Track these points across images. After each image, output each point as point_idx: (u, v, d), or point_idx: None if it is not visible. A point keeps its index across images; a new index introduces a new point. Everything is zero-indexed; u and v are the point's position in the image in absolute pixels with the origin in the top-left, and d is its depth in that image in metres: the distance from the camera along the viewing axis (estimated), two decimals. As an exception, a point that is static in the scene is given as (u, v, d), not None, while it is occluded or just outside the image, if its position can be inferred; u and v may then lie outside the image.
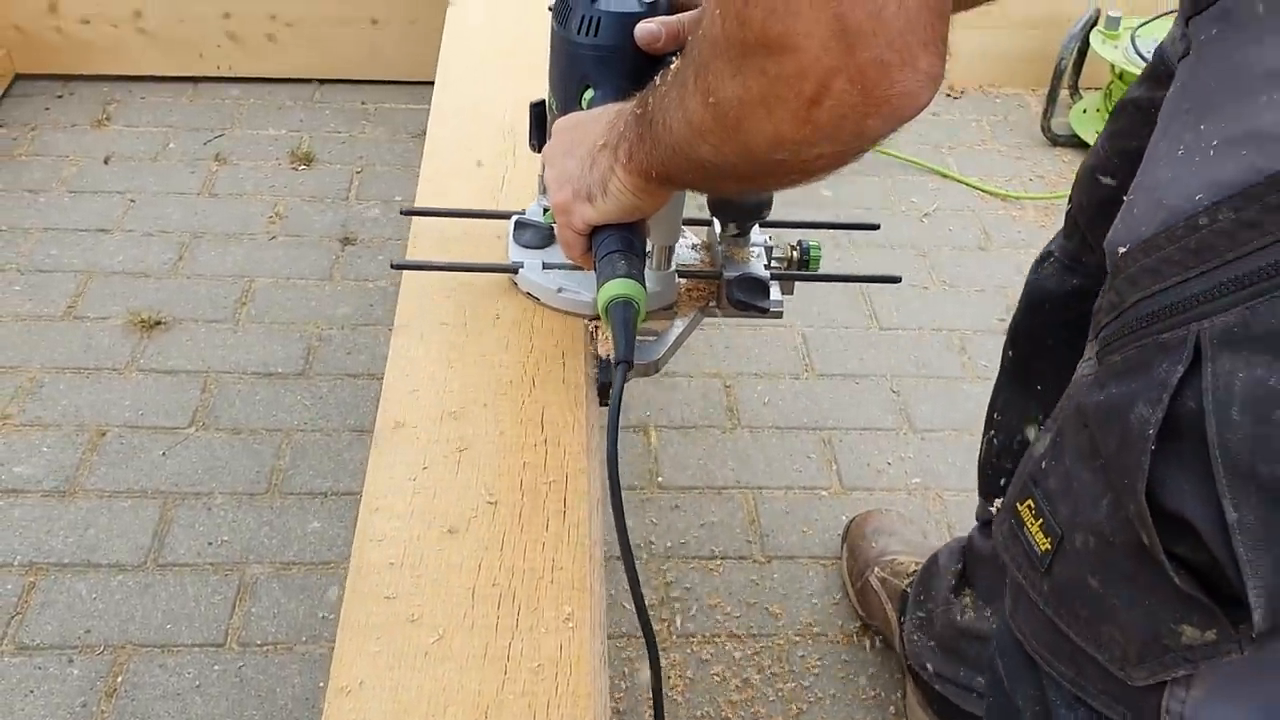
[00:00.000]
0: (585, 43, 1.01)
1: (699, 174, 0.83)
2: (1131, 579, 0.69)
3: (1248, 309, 0.61)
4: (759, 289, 1.15)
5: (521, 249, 1.19)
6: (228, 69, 2.59)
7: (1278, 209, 0.59)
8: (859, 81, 0.64)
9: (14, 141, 2.36)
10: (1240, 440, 0.61)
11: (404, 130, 2.51)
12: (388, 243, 2.18)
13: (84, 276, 2.02)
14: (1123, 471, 0.67)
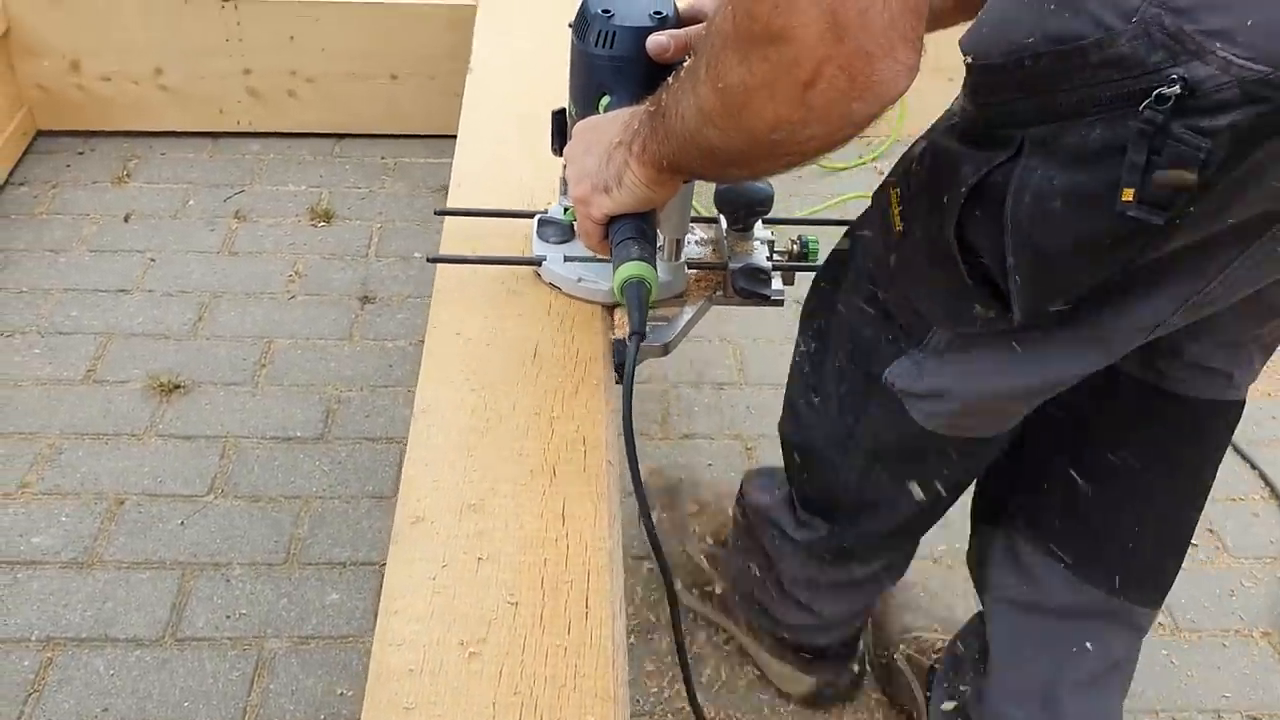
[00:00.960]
0: (602, 54, 1.13)
1: (705, 160, 0.95)
2: (944, 270, 0.97)
3: (1057, 128, 0.83)
4: (762, 278, 1.28)
5: (545, 244, 1.32)
6: (248, 124, 2.60)
7: (1080, 68, 0.80)
8: (847, 69, 0.76)
9: (35, 200, 2.37)
10: (1026, 215, 0.87)
11: (423, 185, 2.51)
12: (407, 300, 2.17)
13: (104, 338, 2.02)
14: (943, 205, 0.94)
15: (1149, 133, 0.77)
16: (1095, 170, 0.82)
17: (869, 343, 1.14)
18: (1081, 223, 0.85)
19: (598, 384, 1.18)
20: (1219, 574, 1.74)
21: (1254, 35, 0.73)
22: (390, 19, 2.49)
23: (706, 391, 2.00)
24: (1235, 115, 0.75)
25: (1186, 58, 0.75)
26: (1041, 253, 0.89)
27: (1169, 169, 0.77)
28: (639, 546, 1.71)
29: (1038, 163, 0.86)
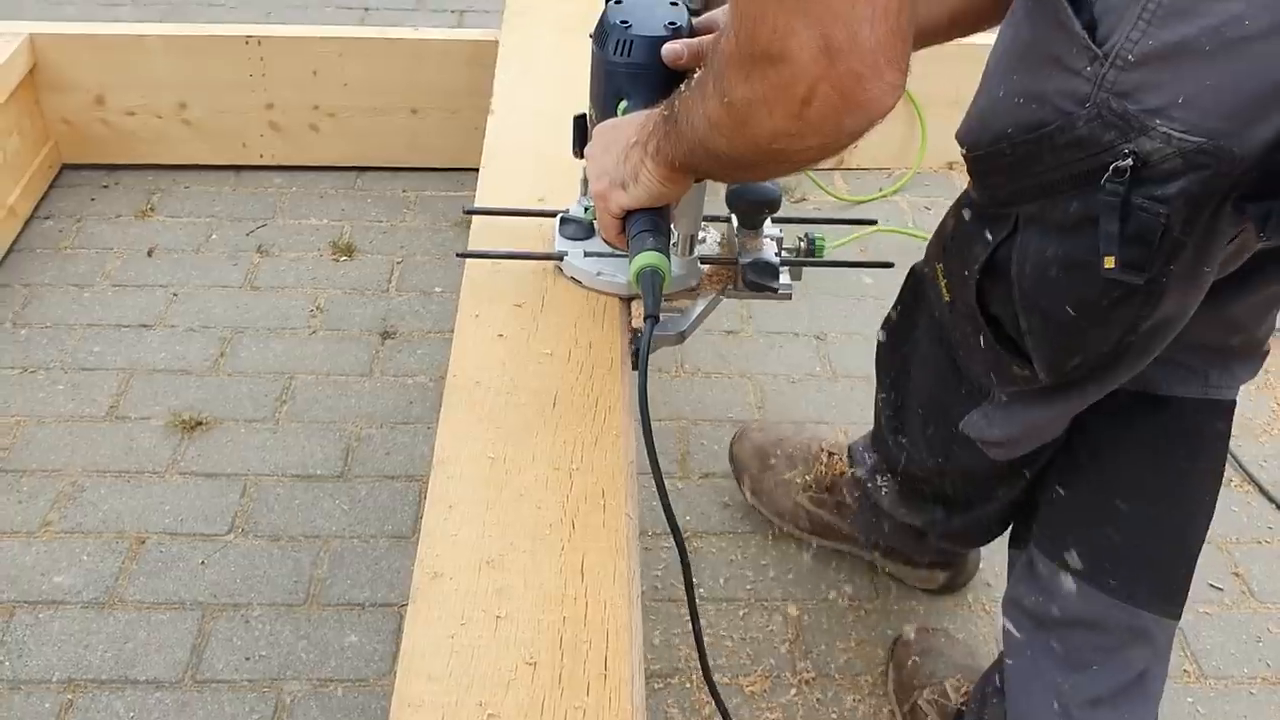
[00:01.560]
0: (620, 62, 1.23)
1: (714, 163, 1.05)
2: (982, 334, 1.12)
3: (1043, 204, 0.96)
4: (770, 272, 1.38)
5: (566, 241, 1.42)
6: (270, 158, 2.62)
7: (1050, 150, 0.92)
8: (839, 88, 0.84)
9: (60, 234, 2.39)
10: (1030, 283, 1.01)
11: (444, 219, 2.52)
12: (427, 336, 2.18)
13: (126, 375, 2.03)
14: (965, 279, 1.10)
15: (1115, 204, 0.88)
16: (1079, 239, 0.94)
17: (948, 396, 1.27)
18: (1076, 286, 0.97)
19: (618, 435, 1.18)
20: (1245, 619, 1.72)
21: (1186, 111, 0.84)
22: (412, 55, 2.51)
23: (726, 429, 1.99)
24: (1183, 182, 0.86)
25: (1134, 134, 0.86)
26: (1049, 316, 1.01)
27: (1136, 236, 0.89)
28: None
29: (1032, 236, 0.99)
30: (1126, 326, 0.98)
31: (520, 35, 2.11)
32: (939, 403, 1.31)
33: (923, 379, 1.32)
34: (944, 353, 1.26)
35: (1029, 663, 1.31)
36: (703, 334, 2.21)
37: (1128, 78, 0.86)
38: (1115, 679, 1.25)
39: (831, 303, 2.30)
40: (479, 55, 2.46)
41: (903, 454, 1.44)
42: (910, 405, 1.37)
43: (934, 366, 1.29)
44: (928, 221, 2.53)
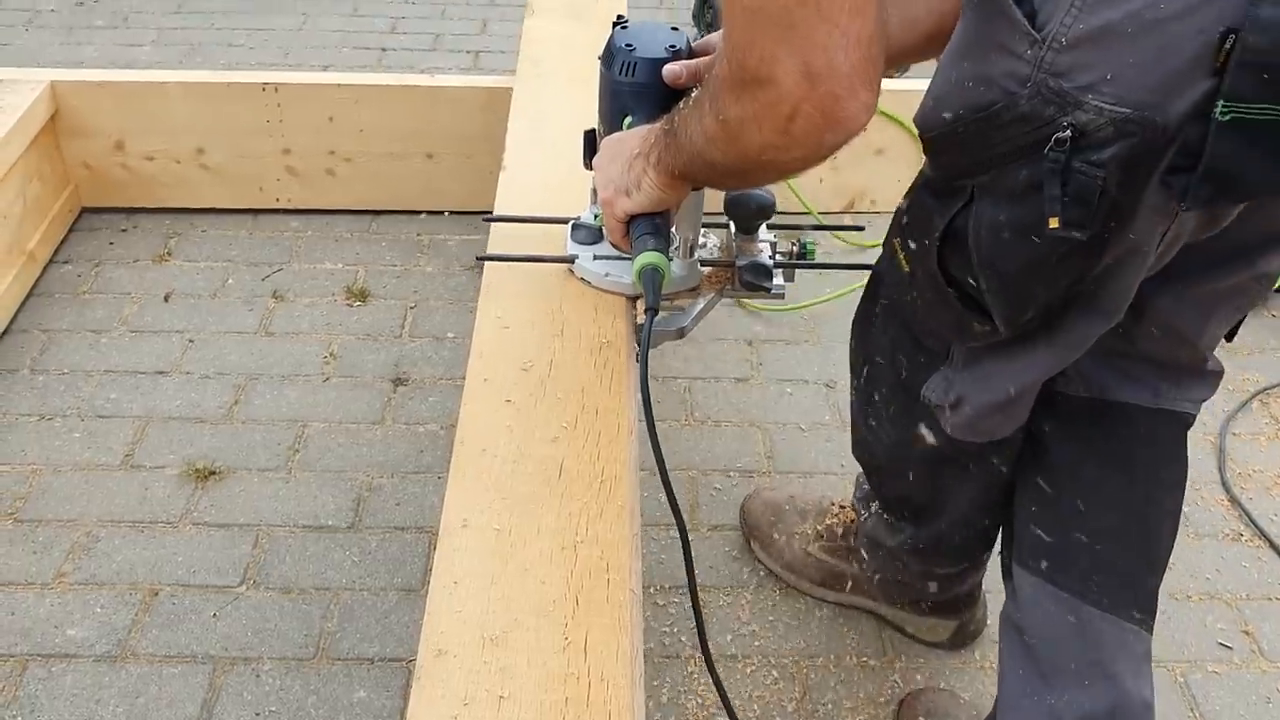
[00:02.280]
0: (625, 82, 1.36)
1: (710, 172, 1.19)
2: (944, 297, 1.20)
3: (994, 175, 1.07)
4: (764, 273, 1.50)
5: (577, 245, 1.54)
6: (287, 201, 2.65)
7: (999, 127, 1.02)
8: (819, 107, 0.97)
9: (79, 279, 2.42)
10: (985, 247, 1.11)
11: (457, 262, 2.54)
12: (438, 383, 2.20)
13: (142, 422, 2.06)
14: (927, 248, 1.19)
15: (1057, 169, 0.99)
16: (1027, 204, 1.04)
17: (908, 368, 1.36)
18: (1026, 246, 1.07)
19: (622, 507, 1.19)
20: (1255, 679, 1.71)
21: (1114, 86, 0.95)
22: (427, 101, 2.54)
23: (736, 480, 2.00)
24: (1116, 148, 0.97)
25: (1071, 108, 0.97)
26: (1003, 275, 1.12)
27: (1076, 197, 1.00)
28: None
29: (986, 204, 1.10)
30: (1070, 280, 1.10)
31: (533, 86, 2.14)
32: (900, 378, 1.38)
33: (885, 359, 1.40)
34: (902, 330, 1.35)
35: (1018, 681, 1.33)
36: (712, 381, 2.22)
37: (1062, 59, 0.97)
38: (1101, 700, 1.27)
39: (841, 349, 2.28)
40: (492, 101, 2.49)
41: (876, 442, 1.50)
42: (878, 387, 1.44)
43: (894, 345, 1.37)
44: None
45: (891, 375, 1.40)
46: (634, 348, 1.40)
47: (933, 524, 1.54)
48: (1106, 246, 1.05)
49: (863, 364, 1.47)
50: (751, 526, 1.86)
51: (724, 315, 2.40)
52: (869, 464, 1.57)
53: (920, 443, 1.41)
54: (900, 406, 1.41)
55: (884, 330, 1.39)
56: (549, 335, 1.45)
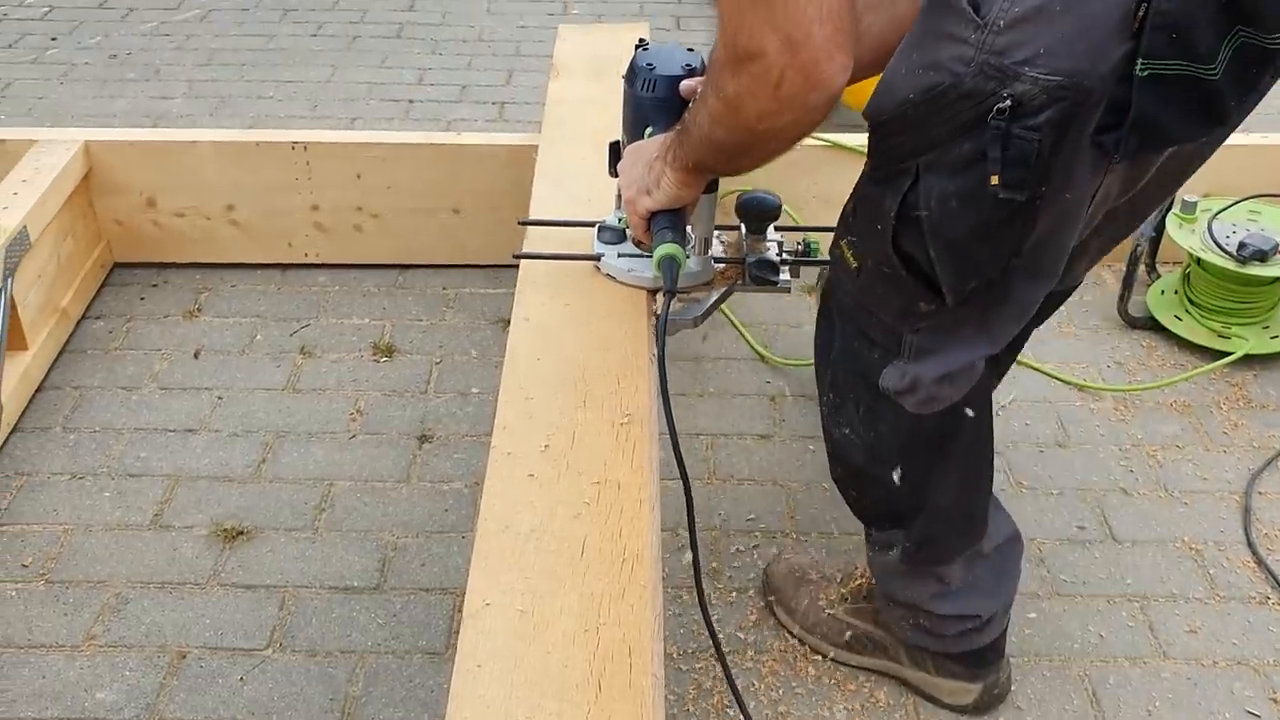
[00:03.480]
0: (646, 97, 1.57)
1: (717, 155, 1.37)
2: (894, 281, 1.35)
3: (938, 152, 1.21)
4: (772, 269, 1.70)
5: (603, 244, 1.73)
6: (315, 256, 2.69)
7: (942, 108, 1.18)
8: (801, 71, 1.14)
9: (110, 335, 2.46)
10: (935, 218, 1.24)
11: (482, 317, 2.57)
12: (463, 439, 2.21)
13: (171, 481, 2.08)
14: (880, 232, 1.31)
15: (999, 136, 1.14)
16: (970, 174, 1.19)
17: (866, 367, 1.46)
18: (971, 212, 1.22)
19: (644, 586, 1.20)
20: (1282, 747, 1.70)
21: (1047, 58, 1.11)
22: (453, 158, 2.57)
23: (759, 539, 2.01)
24: (1049, 113, 1.12)
25: (1010, 81, 1.13)
26: (952, 242, 1.26)
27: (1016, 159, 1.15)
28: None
29: (933, 179, 1.23)
30: (1011, 246, 1.25)
31: (558, 148, 2.16)
32: (863, 378, 1.48)
33: (845, 366, 1.51)
34: (858, 333, 1.46)
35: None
36: (734, 438, 2.23)
37: (1001, 39, 1.13)
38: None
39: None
40: (518, 158, 2.52)
41: (852, 449, 1.56)
42: (844, 394, 1.53)
43: (852, 350, 1.48)
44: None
45: (853, 378, 1.49)
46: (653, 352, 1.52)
47: (917, 520, 1.57)
48: (1041, 209, 1.21)
49: (827, 376, 1.56)
50: (774, 590, 1.87)
51: (746, 370, 2.41)
52: (847, 475, 1.63)
53: (888, 433, 1.50)
54: (867, 406, 1.50)
55: (841, 337, 1.50)
56: (572, 406, 1.47)
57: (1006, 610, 1.68)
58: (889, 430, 1.49)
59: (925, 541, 1.59)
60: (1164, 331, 2.51)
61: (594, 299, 1.67)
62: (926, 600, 1.64)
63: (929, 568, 1.61)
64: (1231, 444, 2.24)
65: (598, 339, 1.58)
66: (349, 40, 3.90)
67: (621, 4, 4.21)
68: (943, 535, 1.59)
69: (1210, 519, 2.06)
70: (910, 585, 1.65)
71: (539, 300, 1.67)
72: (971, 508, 1.60)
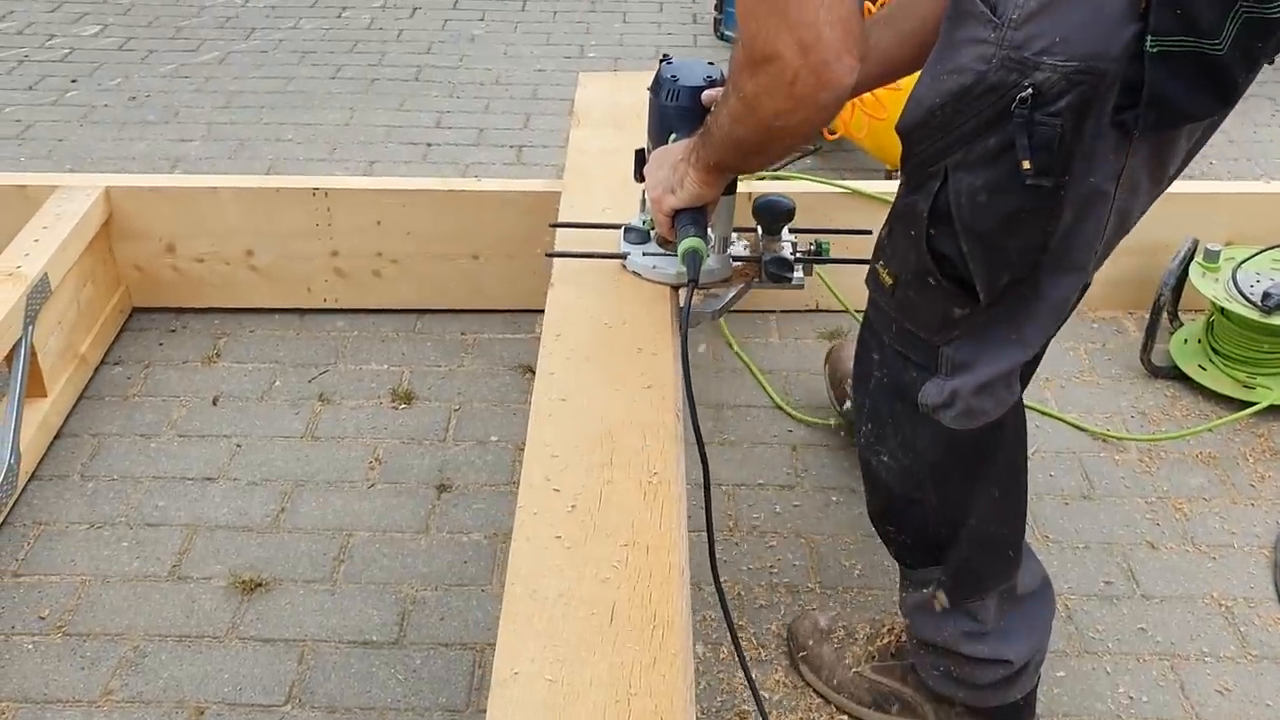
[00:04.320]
0: (670, 105, 1.70)
1: (736, 152, 1.49)
2: (930, 292, 1.40)
3: (965, 150, 1.28)
4: (786, 266, 1.81)
5: (628, 245, 1.85)
6: (334, 301, 2.68)
7: (967, 106, 1.25)
8: (813, 71, 1.25)
9: (129, 381, 2.46)
10: (965, 213, 1.30)
11: (501, 363, 2.56)
12: (482, 489, 2.20)
13: (189, 531, 2.07)
14: (915, 238, 1.37)
15: (1024, 124, 1.21)
16: (998, 166, 1.26)
17: (904, 387, 1.49)
18: (1000, 203, 1.28)
19: (675, 655, 1.18)
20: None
21: (1063, 46, 1.18)
22: (474, 204, 2.57)
23: (782, 594, 1.99)
24: (1069, 98, 1.19)
25: (1030, 71, 1.20)
26: (983, 235, 1.31)
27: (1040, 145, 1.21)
28: None
29: (962, 176, 1.29)
30: (1040, 236, 1.30)
31: (580, 198, 2.15)
32: (899, 399, 1.51)
33: (883, 391, 1.54)
34: (894, 354, 1.50)
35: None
36: (756, 488, 2.21)
37: (1019, 34, 1.20)
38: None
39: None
40: (538, 205, 2.52)
41: (890, 476, 1.58)
42: (882, 422, 1.56)
43: (889, 373, 1.52)
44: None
45: (892, 401, 1.52)
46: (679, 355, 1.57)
47: (955, 550, 1.58)
48: (1067, 195, 1.26)
49: (866, 405, 1.58)
50: (800, 647, 1.85)
51: (766, 418, 2.39)
52: (885, 507, 1.64)
53: (924, 453, 1.52)
54: (906, 428, 1.52)
55: (879, 364, 1.53)
56: (598, 464, 1.46)
57: (1038, 666, 1.67)
58: (927, 448, 1.51)
59: (962, 573, 1.59)
60: (1187, 381, 2.50)
61: (616, 349, 1.67)
62: (959, 642, 1.62)
63: (964, 604, 1.60)
64: (1259, 496, 2.21)
65: (623, 398, 1.56)
66: (367, 83, 3.92)
67: (637, 48, 4.23)
68: (979, 565, 1.59)
69: (1239, 574, 2.04)
70: (944, 626, 1.63)
71: (563, 351, 1.67)
72: (1008, 535, 1.60)
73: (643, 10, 4.58)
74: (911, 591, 1.65)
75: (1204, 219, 2.60)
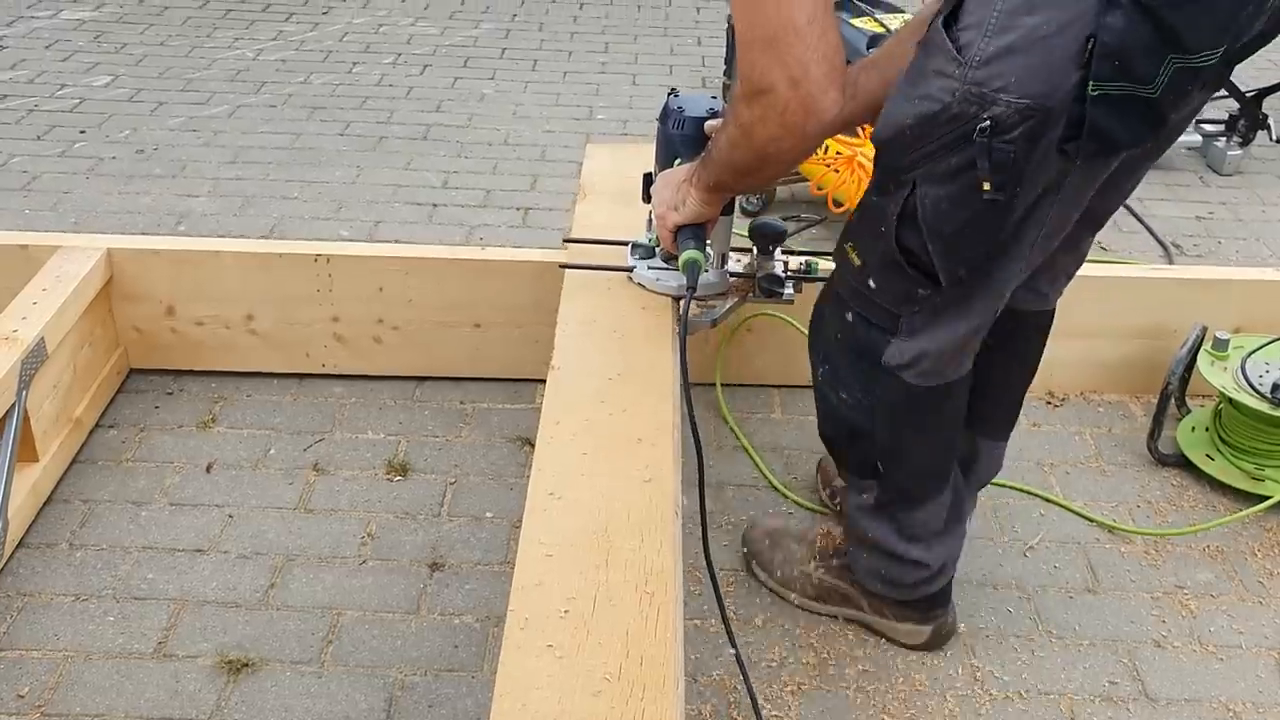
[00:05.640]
0: (676, 134, 1.94)
1: (732, 174, 1.71)
2: (896, 273, 1.61)
3: (930, 165, 1.49)
4: (778, 283, 2.03)
5: (635, 259, 2.08)
6: (333, 366, 2.66)
7: (936, 126, 1.45)
8: (801, 103, 1.48)
9: (123, 445, 2.43)
10: (931, 218, 1.52)
11: (499, 434, 2.53)
12: (475, 568, 2.16)
13: (177, 606, 2.03)
14: (884, 234, 1.59)
15: (984, 148, 1.41)
16: (958, 181, 1.48)
17: (867, 345, 1.71)
18: (960, 211, 1.50)
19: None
20: None
21: (1017, 85, 1.38)
22: (477, 273, 2.55)
23: (785, 684, 1.94)
24: (1021, 129, 1.40)
25: (989, 105, 1.40)
26: (946, 236, 1.53)
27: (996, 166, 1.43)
28: None
29: (927, 188, 1.51)
30: (993, 236, 1.52)
31: (585, 273, 2.13)
32: (861, 354, 1.73)
33: (842, 339, 1.75)
34: (857, 316, 1.71)
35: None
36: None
37: (980, 73, 1.40)
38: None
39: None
40: (542, 274, 2.50)
41: (848, 411, 1.80)
42: (838, 364, 1.79)
43: (851, 331, 1.73)
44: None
45: (854, 354, 1.74)
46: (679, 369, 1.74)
47: (893, 475, 1.84)
48: (1017, 205, 1.48)
49: (821, 351, 1.83)
50: (753, 552, 2.14)
51: (769, 500, 2.36)
52: (838, 433, 1.88)
53: (883, 399, 1.75)
54: (863, 372, 1.74)
55: (841, 321, 1.74)
56: (593, 566, 1.43)
57: (954, 563, 1.97)
58: (884, 395, 1.74)
59: (897, 490, 1.86)
60: (1194, 469, 2.46)
61: (616, 439, 1.66)
62: (890, 542, 1.90)
63: (896, 512, 1.88)
64: (1267, 594, 2.17)
65: (621, 492, 1.54)
66: (375, 140, 3.92)
67: (646, 109, 4.24)
68: (912, 487, 1.86)
69: (1248, 677, 1.99)
70: (877, 526, 1.90)
71: (562, 438, 1.67)
72: (940, 467, 1.87)
73: (652, 73, 4.59)
74: (853, 495, 1.93)
75: (1213, 305, 2.58)
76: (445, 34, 4.96)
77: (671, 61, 4.65)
